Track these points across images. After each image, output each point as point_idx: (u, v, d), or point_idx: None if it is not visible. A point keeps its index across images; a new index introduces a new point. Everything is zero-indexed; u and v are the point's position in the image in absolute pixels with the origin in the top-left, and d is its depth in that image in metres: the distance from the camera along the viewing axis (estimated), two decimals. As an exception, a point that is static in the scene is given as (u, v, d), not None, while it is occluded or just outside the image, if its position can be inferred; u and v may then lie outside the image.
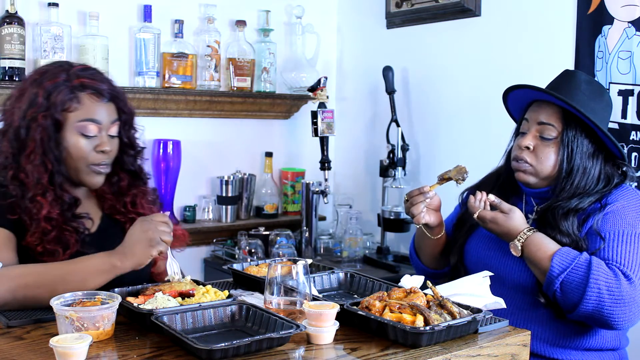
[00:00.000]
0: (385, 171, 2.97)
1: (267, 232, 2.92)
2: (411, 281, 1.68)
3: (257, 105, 3.12)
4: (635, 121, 2.27)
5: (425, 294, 1.53)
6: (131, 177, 1.91)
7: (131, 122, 1.87)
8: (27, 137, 1.70)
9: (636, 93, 2.26)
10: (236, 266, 1.89)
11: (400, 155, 2.91)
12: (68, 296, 1.46)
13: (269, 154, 3.20)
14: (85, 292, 1.49)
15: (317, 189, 2.96)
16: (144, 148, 1.94)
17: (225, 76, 3.03)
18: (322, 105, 2.91)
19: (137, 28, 2.80)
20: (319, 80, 2.92)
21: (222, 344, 1.28)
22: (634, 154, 2.27)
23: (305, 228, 2.96)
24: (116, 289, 1.60)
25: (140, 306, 1.49)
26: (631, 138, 2.27)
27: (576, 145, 1.85)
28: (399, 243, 3.13)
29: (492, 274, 1.70)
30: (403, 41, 3.08)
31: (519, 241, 1.81)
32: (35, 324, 1.51)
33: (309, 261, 1.65)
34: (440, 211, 2.03)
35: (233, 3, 3.08)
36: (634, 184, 2.01)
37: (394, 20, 3.09)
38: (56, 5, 2.57)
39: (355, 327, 1.50)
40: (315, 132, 2.91)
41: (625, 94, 2.28)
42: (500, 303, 1.62)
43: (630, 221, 1.79)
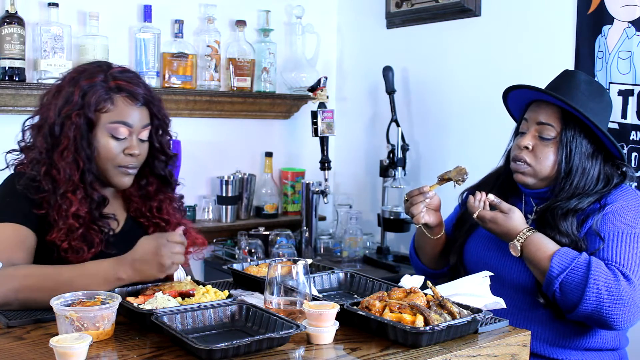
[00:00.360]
0: (385, 171, 2.98)
1: (267, 232, 2.92)
2: (411, 281, 1.68)
3: (257, 105, 3.12)
4: (635, 121, 2.27)
5: (425, 294, 1.53)
6: (160, 182, 1.92)
7: (164, 128, 1.87)
8: (61, 134, 1.72)
9: (636, 93, 2.26)
10: (236, 266, 1.88)
11: (400, 155, 2.91)
12: (68, 296, 1.46)
13: (269, 154, 3.20)
14: (85, 292, 1.49)
15: (317, 189, 2.96)
16: (176, 154, 1.94)
17: (225, 76, 3.03)
18: (322, 105, 2.91)
19: (137, 28, 2.80)
20: (319, 80, 2.92)
21: (222, 344, 1.28)
22: (634, 154, 2.27)
23: (305, 228, 2.96)
24: (116, 289, 1.60)
25: (140, 306, 1.49)
26: (631, 138, 2.27)
27: (575, 145, 1.85)
28: (399, 243, 3.13)
29: (492, 274, 1.70)
30: (403, 41, 3.08)
31: (519, 241, 1.81)
32: (35, 324, 1.51)
33: (309, 261, 1.65)
34: (439, 211, 2.04)
35: (233, 3, 3.09)
36: (634, 184, 2.01)
37: (394, 20, 3.09)
38: (56, 5, 2.57)
39: (355, 327, 1.50)
40: (315, 132, 2.91)
41: (625, 94, 2.28)
42: (500, 303, 1.62)
43: (629, 221, 1.79)
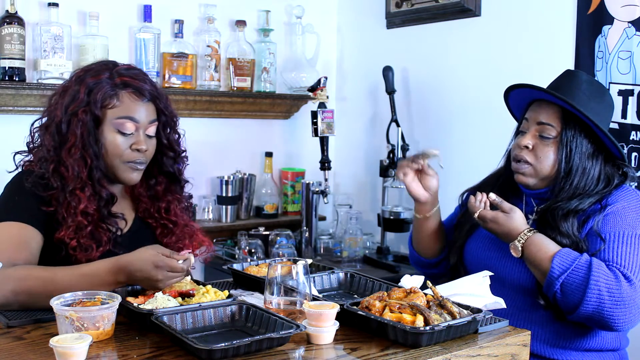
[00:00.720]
0: (385, 171, 2.98)
1: (267, 232, 2.92)
2: (411, 281, 1.68)
3: (257, 105, 3.12)
4: (635, 121, 2.27)
5: (425, 294, 1.53)
6: (169, 181, 1.92)
7: (172, 125, 1.88)
8: (68, 132, 1.73)
9: (636, 93, 2.26)
10: (236, 266, 1.88)
11: (400, 155, 2.91)
12: (68, 296, 1.46)
13: (269, 154, 3.20)
14: (85, 292, 1.48)
15: (317, 189, 2.96)
16: (184, 151, 1.94)
17: (225, 76, 3.03)
18: (322, 105, 2.91)
19: (137, 28, 2.80)
20: (319, 80, 2.92)
21: (222, 344, 1.28)
22: (634, 154, 2.27)
23: (305, 228, 2.96)
24: (116, 289, 1.60)
25: (140, 306, 1.49)
26: (631, 138, 2.27)
27: (575, 145, 1.85)
28: (399, 243, 3.13)
29: (492, 274, 1.70)
30: (403, 41, 3.08)
31: (519, 242, 1.80)
32: (35, 324, 1.51)
33: (309, 261, 1.65)
34: (431, 192, 2.05)
35: (233, 3, 3.08)
36: (634, 185, 2.01)
37: (394, 20, 3.09)
38: (56, 5, 2.57)
39: (355, 327, 1.50)
40: (315, 132, 2.91)
41: (625, 94, 2.28)
42: (500, 303, 1.62)
43: (630, 222, 1.79)
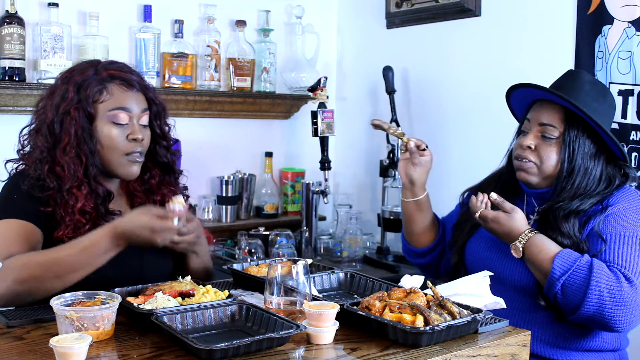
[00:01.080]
0: (385, 171, 2.98)
1: (267, 232, 2.92)
2: (411, 281, 1.68)
3: (257, 105, 3.12)
4: (635, 121, 2.27)
5: (425, 294, 1.53)
6: (163, 172, 1.93)
7: (162, 115, 1.90)
8: (62, 131, 1.73)
9: (636, 93, 2.26)
10: (236, 266, 1.89)
11: (400, 155, 2.90)
12: (68, 296, 1.46)
13: (269, 154, 3.20)
14: (85, 292, 1.49)
15: (317, 189, 2.95)
16: (177, 140, 1.97)
17: (225, 76, 3.03)
18: (322, 105, 2.91)
19: (137, 28, 2.80)
20: (319, 80, 2.92)
21: (222, 344, 1.28)
22: (634, 154, 2.27)
23: (305, 228, 2.96)
24: (116, 289, 1.60)
25: (140, 306, 1.49)
26: (631, 138, 2.27)
27: (578, 145, 1.85)
28: (399, 243, 3.11)
29: (492, 274, 1.70)
30: (403, 41, 3.08)
31: (520, 243, 1.80)
32: (35, 324, 1.51)
33: (309, 261, 1.65)
34: (418, 173, 2.11)
35: (233, 3, 3.08)
36: (635, 185, 2.00)
37: (394, 20, 3.09)
38: (56, 5, 2.57)
39: (355, 327, 1.50)
40: (315, 132, 2.91)
41: (625, 94, 2.28)
42: (500, 303, 1.62)
43: (631, 223, 1.79)
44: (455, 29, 2.85)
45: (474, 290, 1.65)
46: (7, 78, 2.47)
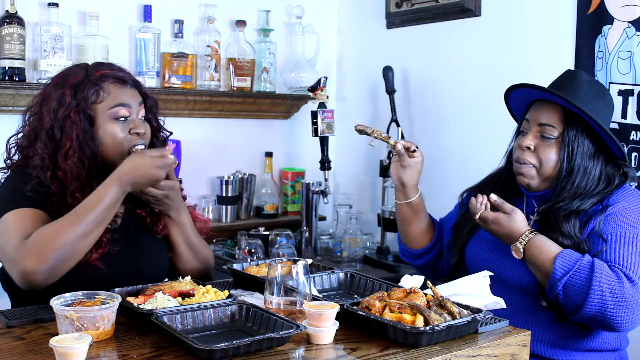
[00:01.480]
0: (385, 171, 2.97)
1: (267, 232, 2.92)
2: (411, 281, 1.68)
3: (257, 105, 3.12)
4: (635, 121, 2.27)
5: (425, 294, 1.53)
6: None
7: (156, 109, 1.92)
8: (63, 136, 1.74)
9: (636, 93, 2.26)
10: (236, 266, 1.89)
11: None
12: (68, 296, 1.46)
13: (269, 154, 3.20)
14: (85, 292, 1.49)
15: (317, 189, 2.95)
16: (172, 133, 2.00)
17: (225, 76, 3.03)
18: (322, 105, 2.91)
19: (137, 28, 2.80)
20: (319, 80, 2.92)
21: (222, 344, 1.28)
22: (634, 154, 2.27)
23: (305, 228, 2.96)
24: (116, 289, 1.60)
25: (140, 306, 1.49)
26: (631, 138, 2.27)
27: (577, 145, 1.85)
28: (399, 243, 3.12)
29: (492, 274, 1.70)
30: (403, 41, 3.08)
31: (521, 243, 1.80)
32: (35, 324, 1.51)
33: (309, 261, 1.65)
34: (408, 175, 2.09)
35: (233, 3, 3.08)
36: (634, 185, 2.01)
37: (394, 20, 3.09)
38: (56, 5, 2.57)
39: (355, 327, 1.50)
40: (315, 132, 2.91)
41: (625, 94, 2.28)
42: (500, 303, 1.62)
43: (632, 222, 1.79)
44: (455, 29, 2.85)
45: (474, 290, 1.65)
46: (7, 78, 2.47)
